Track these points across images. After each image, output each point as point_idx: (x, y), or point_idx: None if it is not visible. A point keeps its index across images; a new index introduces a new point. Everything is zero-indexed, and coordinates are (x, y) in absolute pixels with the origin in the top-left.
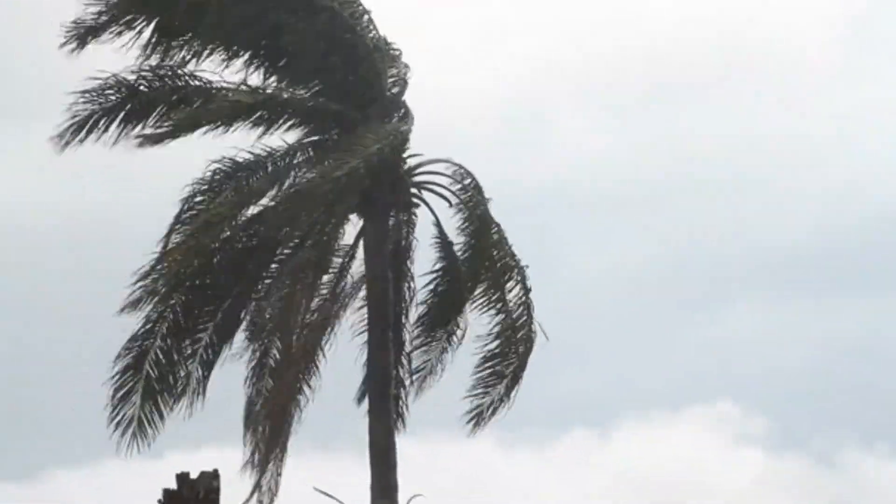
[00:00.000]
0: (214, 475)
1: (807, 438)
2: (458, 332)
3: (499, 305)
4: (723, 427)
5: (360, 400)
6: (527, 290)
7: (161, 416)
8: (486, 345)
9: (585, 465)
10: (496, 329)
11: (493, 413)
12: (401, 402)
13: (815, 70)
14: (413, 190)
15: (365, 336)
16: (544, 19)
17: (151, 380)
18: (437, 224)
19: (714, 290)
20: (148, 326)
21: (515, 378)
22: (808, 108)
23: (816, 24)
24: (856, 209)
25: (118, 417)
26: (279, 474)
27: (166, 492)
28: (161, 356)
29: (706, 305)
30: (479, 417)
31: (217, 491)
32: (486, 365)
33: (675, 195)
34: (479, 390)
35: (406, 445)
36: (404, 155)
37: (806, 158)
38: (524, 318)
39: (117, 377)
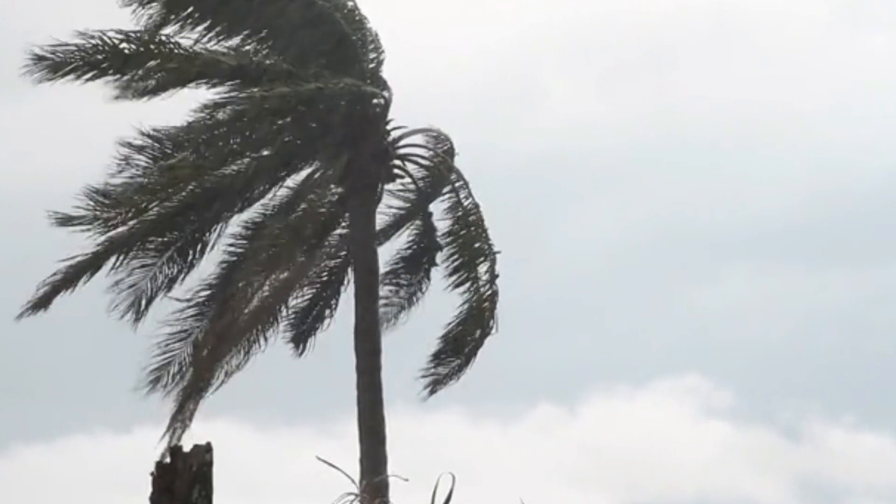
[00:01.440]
0: (207, 448)
1: (774, 411)
2: (418, 294)
3: (466, 287)
4: (689, 400)
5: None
6: (494, 277)
7: None
8: (449, 322)
9: (552, 438)
10: (462, 309)
11: (444, 385)
12: None
13: (808, 38)
14: (397, 162)
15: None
16: None
17: None
18: (417, 191)
19: (698, 262)
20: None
21: (468, 358)
22: (800, 77)
23: None
24: (845, 180)
25: None
26: (193, 411)
27: (159, 465)
28: None
29: (688, 277)
30: (433, 386)
31: (210, 464)
32: (446, 341)
33: (663, 164)
34: (436, 363)
35: None
36: (388, 127)
37: (797, 128)
38: (487, 304)
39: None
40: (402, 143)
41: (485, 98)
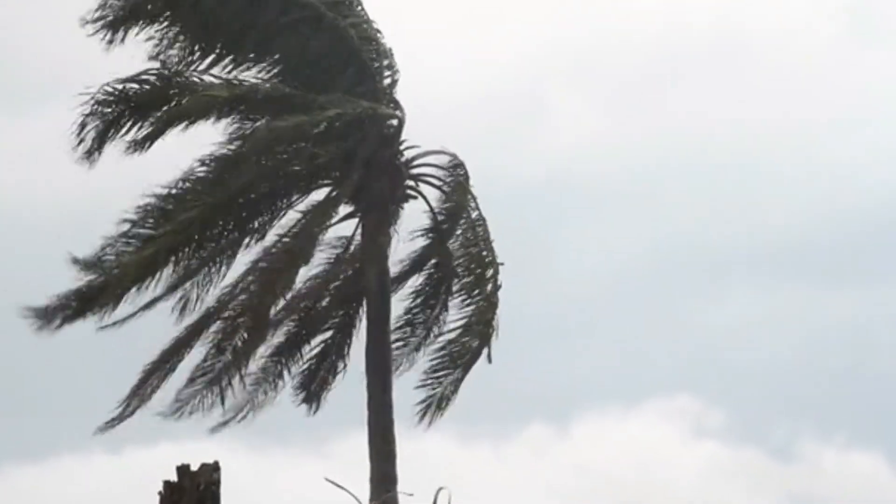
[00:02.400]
0: (215, 467)
1: (766, 430)
2: (436, 327)
3: (470, 300)
4: (681, 420)
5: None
6: (496, 287)
7: None
8: (445, 336)
9: (544, 458)
10: (461, 321)
11: (445, 406)
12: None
13: (812, 56)
14: (409, 182)
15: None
16: (538, 5)
17: None
18: (433, 215)
19: (701, 281)
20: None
21: (465, 370)
22: (806, 94)
23: (814, 9)
24: (851, 197)
25: None
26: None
27: (167, 483)
28: None
29: (691, 296)
30: (428, 410)
31: (217, 483)
32: (440, 356)
33: (667, 183)
34: (431, 381)
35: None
36: (401, 147)
37: (803, 145)
38: (488, 314)
39: None
40: (415, 163)
41: (489, 118)
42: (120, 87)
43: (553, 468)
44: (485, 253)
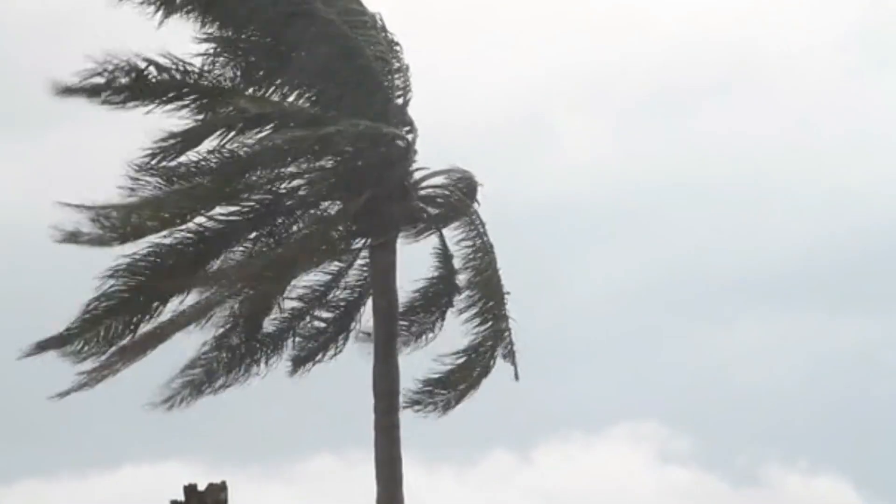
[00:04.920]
0: (222, 487)
1: (731, 456)
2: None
3: (476, 326)
4: (646, 446)
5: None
6: (504, 318)
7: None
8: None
9: (508, 484)
10: (468, 345)
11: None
12: None
13: (820, 78)
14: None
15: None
16: (545, 27)
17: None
18: (441, 237)
19: (690, 307)
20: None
21: (462, 395)
22: (815, 120)
23: (822, 31)
24: (859, 220)
25: None
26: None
27: None
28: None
29: (675, 322)
30: (414, 404)
31: (225, 502)
32: (443, 375)
33: (673, 206)
34: (426, 394)
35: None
36: (411, 168)
37: (810, 167)
38: (491, 343)
39: None
40: (424, 184)
41: (497, 141)
42: (142, 63)
43: (517, 494)
44: (492, 284)
